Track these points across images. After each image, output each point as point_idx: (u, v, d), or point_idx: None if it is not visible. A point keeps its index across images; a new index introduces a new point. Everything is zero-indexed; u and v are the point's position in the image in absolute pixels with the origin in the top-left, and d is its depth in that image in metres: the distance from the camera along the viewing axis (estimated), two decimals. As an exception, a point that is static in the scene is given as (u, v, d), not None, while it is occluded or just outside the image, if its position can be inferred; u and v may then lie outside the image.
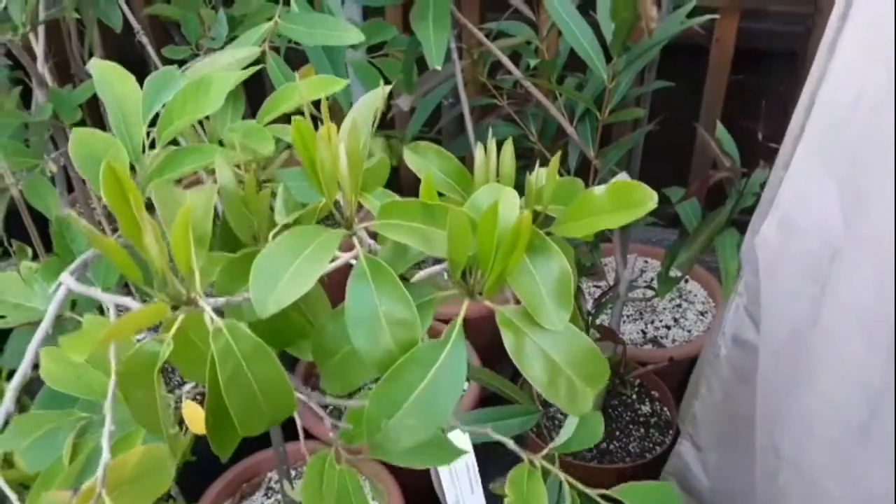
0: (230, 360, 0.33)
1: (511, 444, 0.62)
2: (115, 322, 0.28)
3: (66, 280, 0.37)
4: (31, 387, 1.07)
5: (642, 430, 1.30)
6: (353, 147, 0.36)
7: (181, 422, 0.52)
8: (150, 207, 0.40)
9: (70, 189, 1.13)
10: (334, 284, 0.45)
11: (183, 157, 0.47)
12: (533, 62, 1.14)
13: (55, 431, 0.54)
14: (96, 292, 0.35)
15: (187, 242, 0.31)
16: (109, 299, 0.35)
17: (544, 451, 0.60)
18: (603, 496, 0.59)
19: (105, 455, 0.34)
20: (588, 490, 0.59)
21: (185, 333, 0.35)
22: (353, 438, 0.63)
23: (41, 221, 0.95)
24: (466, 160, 0.50)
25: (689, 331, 1.46)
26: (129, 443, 0.48)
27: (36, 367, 0.54)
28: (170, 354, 0.36)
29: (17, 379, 0.38)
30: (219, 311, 0.36)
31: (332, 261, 0.39)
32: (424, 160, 0.46)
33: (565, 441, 0.63)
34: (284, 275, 0.33)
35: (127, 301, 0.34)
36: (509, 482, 0.53)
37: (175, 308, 0.34)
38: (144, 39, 1.02)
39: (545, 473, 0.57)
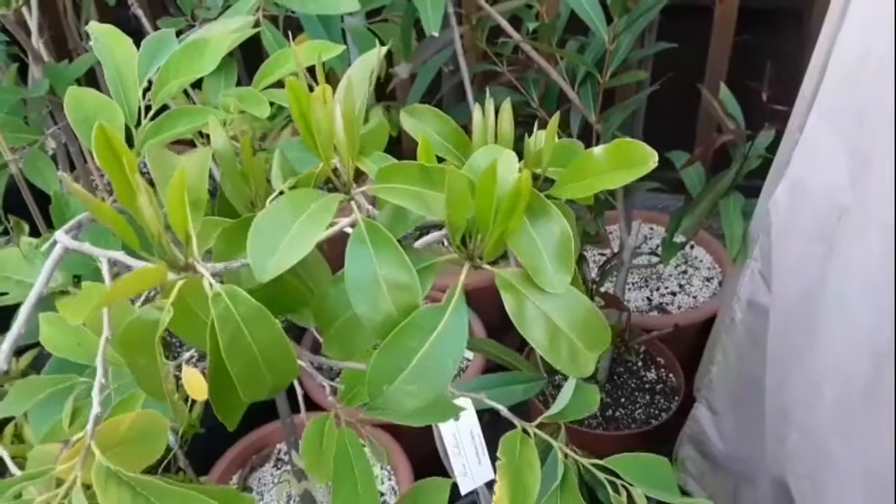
0: (229, 324, 0.33)
1: (505, 410, 0.61)
2: (112, 283, 0.28)
3: (61, 238, 0.36)
4: (39, 362, 1.07)
5: (648, 396, 1.31)
6: (348, 108, 0.35)
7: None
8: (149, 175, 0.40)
9: (71, 166, 1.13)
10: (332, 257, 0.45)
11: (177, 118, 0.47)
12: (533, 25, 1.12)
13: (61, 396, 0.54)
14: (90, 248, 0.35)
15: (183, 206, 0.31)
16: (102, 254, 0.35)
17: (538, 420, 0.59)
18: (597, 466, 0.59)
19: (95, 408, 0.34)
20: (582, 459, 0.59)
21: (183, 300, 0.35)
22: (352, 401, 0.63)
23: (41, 198, 0.95)
24: (467, 128, 0.49)
25: (695, 297, 1.45)
26: (129, 406, 0.49)
27: (38, 344, 0.55)
28: (169, 321, 0.36)
29: (10, 337, 0.38)
30: (218, 279, 0.35)
31: (331, 226, 0.38)
32: (421, 123, 0.45)
33: (561, 409, 0.63)
34: (283, 239, 0.33)
35: (120, 256, 0.34)
36: (501, 446, 0.53)
37: (173, 274, 0.33)
38: (139, 11, 1.01)
39: (541, 443, 0.57)
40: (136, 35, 0.55)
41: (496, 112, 0.45)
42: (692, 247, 1.55)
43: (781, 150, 0.90)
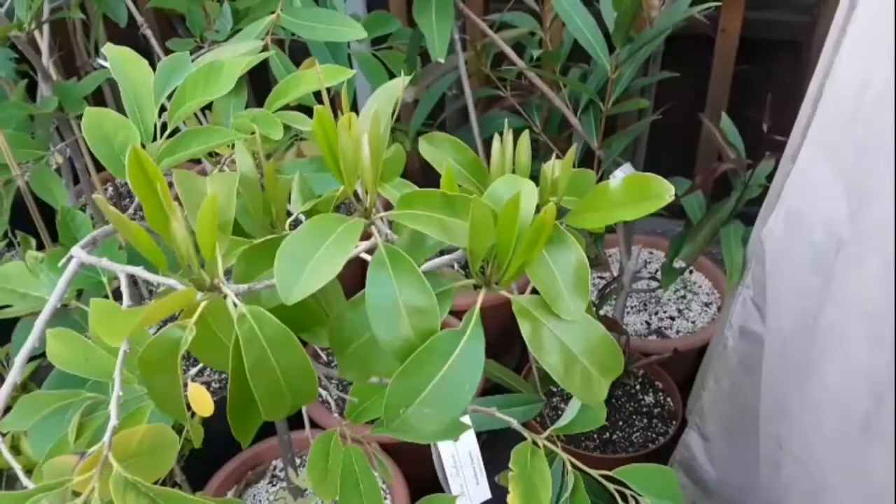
0: (254, 345, 0.34)
1: (515, 423, 0.62)
2: (145, 306, 0.29)
3: (77, 253, 0.37)
4: (39, 374, 1.06)
5: (646, 420, 1.31)
6: (374, 136, 0.36)
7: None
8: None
9: (76, 180, 1.13)
10: (344, 278, 0.46)
11: (191, 138, 0.48)
12: (536, 53, 1.14)
13: (61, 411, 0.54)
14: (108, 263, 0.36)
15: (213, 230, 0.32)
16: (121, 269, 0.35)
17: (546, 433, 0.61)
18: (605, 476, 0.60)
19: (113, 420, 0.34)
20: (590, 471, 0.60)
21: (204, 320, 0.36)
22: (359, 417, 0.63)
23: (47, 213, 0.96)
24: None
25: (694, 322, 1.46)
26: (135, 421, 0.49)
27: (43, 354, 0.55)
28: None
29: (24, 351, 0.38)
30: (239, 299, 0.36)
31: (351, 250, 0.39)
32: (440, 151, 0.46)
33: (567, 423, 0.64)
34: (309, 262, 0.34)
35: (139, 271, 0.35)
36: (513, 457, 0.53)
37: (198, 294, 0.34)
38: (148, 32, 1.02)
39: (549, 455, 0.58)
40: (146, 56, 0.56)
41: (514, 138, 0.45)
42: (691, 272, 1.56)
43: (776, 179, 0.91)
